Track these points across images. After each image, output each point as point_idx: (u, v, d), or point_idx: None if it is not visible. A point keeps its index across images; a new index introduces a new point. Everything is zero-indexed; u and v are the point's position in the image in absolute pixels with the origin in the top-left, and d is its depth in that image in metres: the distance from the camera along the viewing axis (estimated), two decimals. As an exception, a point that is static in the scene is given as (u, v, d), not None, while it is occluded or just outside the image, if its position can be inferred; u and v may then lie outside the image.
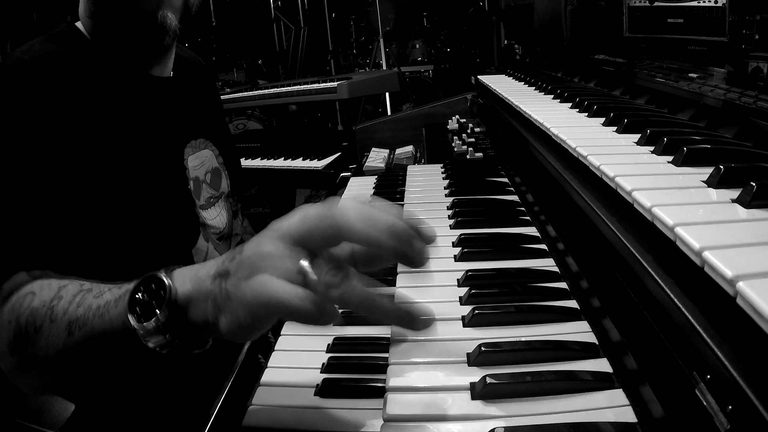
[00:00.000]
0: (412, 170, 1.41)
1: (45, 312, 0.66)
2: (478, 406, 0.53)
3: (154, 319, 0.55)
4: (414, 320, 0.53)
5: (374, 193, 1.29)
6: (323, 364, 0.70)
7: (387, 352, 0.63)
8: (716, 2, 0.96)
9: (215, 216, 1.06)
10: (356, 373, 0.69)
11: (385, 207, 0.53)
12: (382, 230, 0.51)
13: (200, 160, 1.03)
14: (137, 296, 0.58)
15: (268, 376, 0.69)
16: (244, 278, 0.51)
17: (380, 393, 0.58)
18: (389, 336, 0.65)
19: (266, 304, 0.49)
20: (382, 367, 0.62)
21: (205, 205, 1.03)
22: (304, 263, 0.50)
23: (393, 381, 0.57)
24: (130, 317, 0.57)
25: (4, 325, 0.69)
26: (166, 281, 0.56)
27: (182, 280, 0.57)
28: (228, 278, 0.53)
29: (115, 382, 0.68)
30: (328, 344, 0.74)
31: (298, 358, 0.73)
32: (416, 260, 0.53)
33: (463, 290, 0.73)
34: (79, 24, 0.94)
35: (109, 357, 0.64)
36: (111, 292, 0.63)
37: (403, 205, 1.14)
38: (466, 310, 0.69)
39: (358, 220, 0.50)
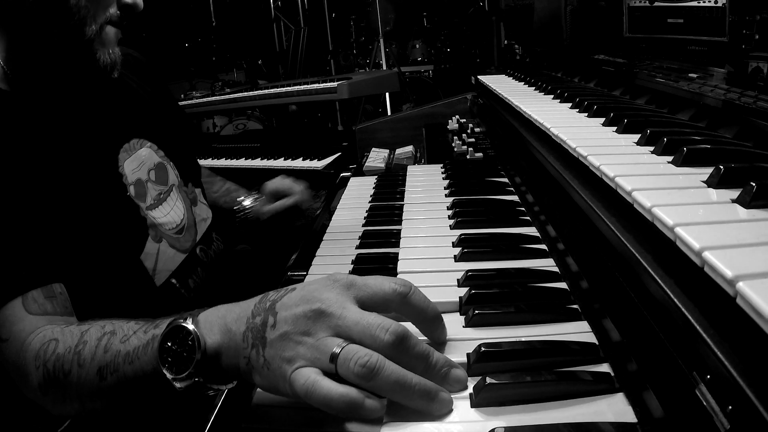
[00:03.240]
0: (412, 170, 1.41)
1: (72, 358, 0.69)
2: (478, 407, 0.53)
3: (187, 372, 0.58)
4: (438, 402, 0.54)
5: (374, 193, 1.29)
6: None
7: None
8: (716, 2, 0.96)
9: (168, 212, 1.04)
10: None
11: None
12: (436, 371, 0.56)
13: (139, 161, 1.01)
14: (166, 345, 0.60)
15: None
16: (285, 360, 0.54)
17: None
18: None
19: (305, 399, 0.52)
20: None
21: (153, 204, 1.01)
22: (336, 350, 0.52)
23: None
24: (164, 369, 0.60)
25: (32, 370, 0.72)
26: (193, 331, 0.59)
27: (209, 328, 0.59)
28: (266, 347, 0.55)
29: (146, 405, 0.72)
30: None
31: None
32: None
33: (463, 290, 0.73)
34: None
35: (142, 396, 0.67)
36: (137, 337, 0.66)
37: (403, 204, 1.14)
38: (466, 310, 0.69)
39: (421, 354, 0.55)
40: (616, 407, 0.52)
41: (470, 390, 0.55)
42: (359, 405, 0.51)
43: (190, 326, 0.59)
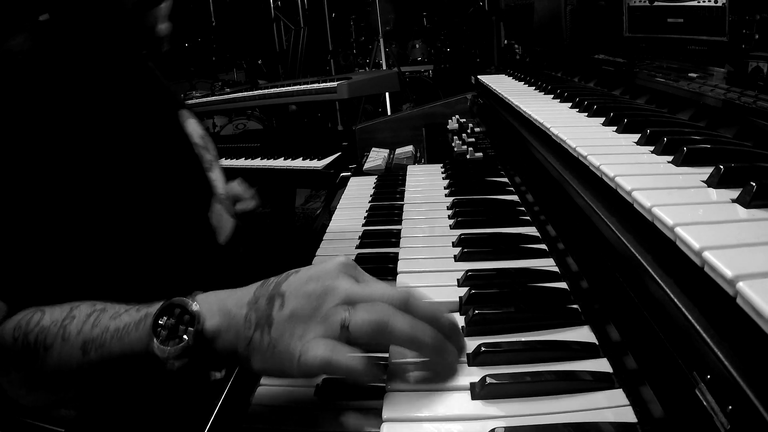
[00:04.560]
0: (412, 170, 1.41)
1: (57, 331, 0.66)
2: (478, 406, 0.53)
3: (180, 346, 0.56)
4: (446, 352, 0.57)
5: (374, 193, 1.29)
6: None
7: (386, 351, 0.63)
8: (716, 2, 0.96)
9: (218, 177, 1.04)
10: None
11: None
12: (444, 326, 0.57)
13: (192, 128, 1.02)
14: (161, 320, 0.59)
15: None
16: (296, 337, 0.54)
17: (380, 393, 0.58)
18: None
19: (323, 369, 0.53)
20: (383, 366, 0.62)
21: (208, 168, 1.01)
22: (347, 315, 0.53)
23: (392, 380, 0.57)
24: (155, 343, 0.58)
25: (7, 340, 0.68)
26: (193, 309, 0.58)
27: (209, 309, 0.58)
28: (272, 327, 0.55)
29: (120, 393, 0.69)
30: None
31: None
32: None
33: (463, 290, 0.73)
34: None
35: (126, 377, 0.65)
36: (129, 314, 0.63)
37: (403, 204, 1.14)
38: (466, 310, 0.69)
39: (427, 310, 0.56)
40: (616, 407, 0.52)
41: (470, 389, 0.55)
42: (366, 367, 0.52)
43: (191, 304, 0.58)
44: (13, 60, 0.77)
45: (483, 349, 0.59)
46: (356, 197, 1.29)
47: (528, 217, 0.99)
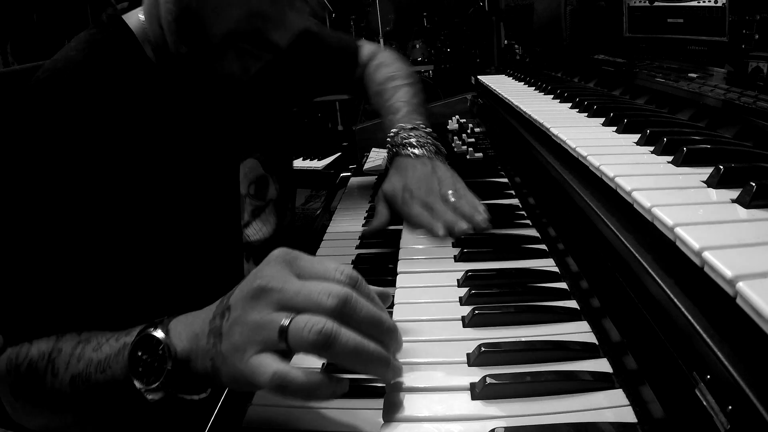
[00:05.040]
0: (412, 170, 1.40)
1: (46, 365, 0.66)
2: (478, 406, 0.53)
3: (157, 379, 0.56)
4: (390, 371, 0.54)
5: (374, 193, 1.29)
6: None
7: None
8: (716, 2, 0.96)
9: (260, 227, 0.98)
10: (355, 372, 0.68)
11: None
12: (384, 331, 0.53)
13: (242, 174, 0.94)
14: (138, 354, 0.58)
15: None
16: (237, 350, 0.51)
17: (380, 393, 0.58)
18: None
19: (277, 390, 0.49)
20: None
21: (248, 221, 0.95)
22: (285, 322, 0.50)
23: (393, 381, 0.57)
24: (135, 380, 0.57)
25: (2, 373, 0.69)
26: (162, 340, 0.57)
27: (179, 336, 0.57)
28: (221, 340, 0.53)
29: (122, 421, 0.68)
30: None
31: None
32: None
33: (463, 290, 0.73)
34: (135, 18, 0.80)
35: (115, 407, 0.65)
36: (109, 345, 0.63)
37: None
38: (466, 310, 0.69)
39: (348, 348, 0.50)
40: (616, 407, 0.52)
41: (470, 389, 0.55)
42: (303, 382, 0.49)
43: (160, 335, 0.57)
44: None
45: (483, 349, 0.59)
46: (356, 197, 1.29)
47: (528, 218, 0.99)
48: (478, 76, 1.74)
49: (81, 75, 0.74)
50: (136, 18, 0.81)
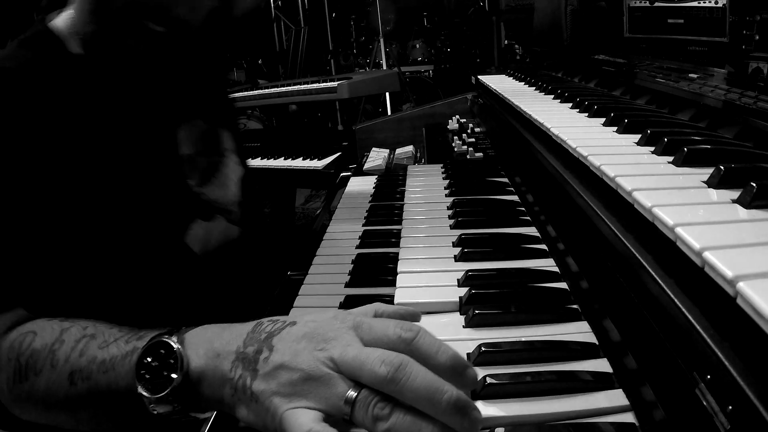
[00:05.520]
0: (412, 170, 1.41)
1: (46, 356, 0.64)
2: (479, 407, 0.53)
3: (163, 391, 0.54)
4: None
5: (374, 193, 1.29)
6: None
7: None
8: (716, 2, 0.96)
9: (221, 185, 0.98)
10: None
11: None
12: (442, 410, 0.46)
13: (186, 134, 0.95)
14: (145, 361, 0.56)
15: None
16: (277, 394, 0.49)
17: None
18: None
19: None
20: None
21: (204, 180, 0.95)
22: (353, 393, 0.47)
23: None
24: (138, 386, 0.55)
25: (3, 361, 0.68)
26: (177, 350, 0.54)
27: (195, 350, 0.55)
28: (255, 377, 0.50)
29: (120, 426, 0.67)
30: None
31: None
32: None
33: (463, 290, 0.73)
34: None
35: (111, 413, 0.63)
36: (117, 346, 0.61)
37: (403, 204, 1.14)
38: (466, 310, 0.69)
39: (422, 389, 0.46)
40: (615, 407, 0.52)
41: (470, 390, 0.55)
42: None
43: (174, 343, 0.55)
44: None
45: (483, 349, 0.59)
46: (356, 197, 1.29)
47: (528, 218, 0.99)
48: (479, 76, 1.74)
49: (8, 80, 0.78)
50: (66, 15, 0.85)
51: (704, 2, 0.99)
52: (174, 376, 0.54)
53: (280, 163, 2.58)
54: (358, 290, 0.86)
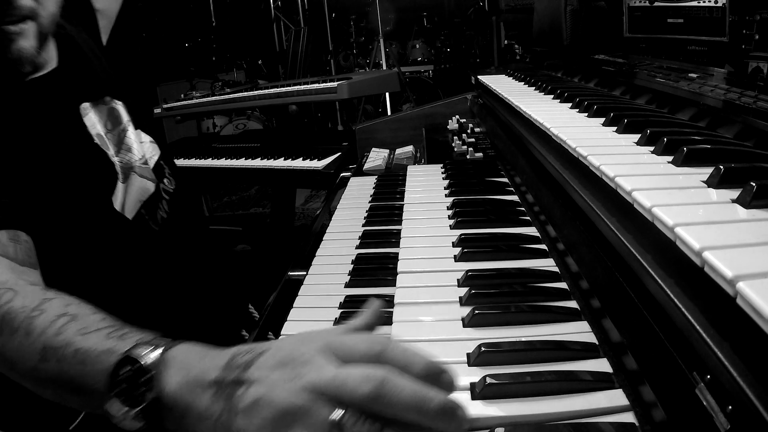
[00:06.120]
0: (412, 170, 1.41)
1: (23, 320, 0.62)
2: (478, 406, 0.53)
3: (134, 409, 0.52)
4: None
5: (374, 193, 1.29)
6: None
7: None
8: (716, 2, 0.96)
9: (130, 146, 1.05)
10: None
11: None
12: (432, 417, 0.45)
13: (96, 117, 1.03)
14: (122, 372, 0.54)
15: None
16: (262, 429, 0.46)
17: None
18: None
19: None
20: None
21: (117, 149, 1.03)
22: (337, 414, 0.45)
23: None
24: (111, 395, 0.53)
25: None
26: (152, 371, 0.52)
27: (173, 374, 0.52)
28: (236, 413, 0.48)
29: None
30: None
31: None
32: None
33: (463, 290, 0.73)
34: None
35: (80, 399, 0.60)
36: (96, 337, 0.58)
37: (403, 204, 1.14)
38: (466, 310, 0.69)
39: (410, 401, 0.45)
40: (615, 407, 0.52)
41: (470, 389, 0.55)
42: None
43: (151, 360, 0.53)
44: None
45: (483, 349, 0.59)
46: (356, 197, 1.29)
47: (528, 218, 0.99)
48: (478, 76, 1.74)
49: None
50: None
51: (704, 2, 0.99)
52: (149, 393, 0.52)
53: (280, 163, 2.58)
54: (358, 290, 0.86)
